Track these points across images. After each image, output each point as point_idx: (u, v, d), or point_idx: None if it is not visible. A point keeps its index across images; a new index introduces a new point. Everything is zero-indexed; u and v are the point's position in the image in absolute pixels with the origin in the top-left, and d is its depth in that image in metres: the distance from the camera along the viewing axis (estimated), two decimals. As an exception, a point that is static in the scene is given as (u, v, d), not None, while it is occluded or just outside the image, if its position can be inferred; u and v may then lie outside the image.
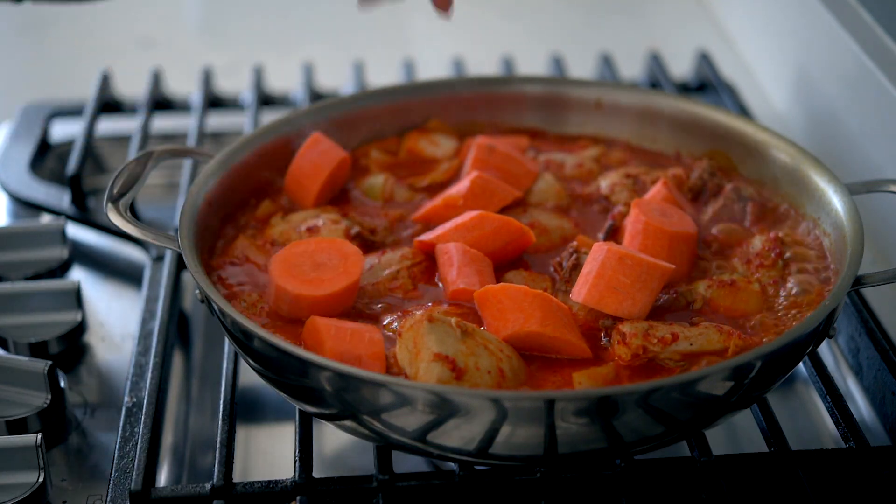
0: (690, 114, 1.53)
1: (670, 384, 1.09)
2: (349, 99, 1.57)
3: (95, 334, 1.48)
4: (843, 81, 1.71)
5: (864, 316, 1.38)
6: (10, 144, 1.82)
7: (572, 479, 1.17)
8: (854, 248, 1.24)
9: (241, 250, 1.35)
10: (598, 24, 2.42)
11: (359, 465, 1.31)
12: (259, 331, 1.14)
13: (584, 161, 1.52)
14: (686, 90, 1.98)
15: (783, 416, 1.29)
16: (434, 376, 1.12)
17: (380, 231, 1.39)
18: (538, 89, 1.59)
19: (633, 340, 1.19)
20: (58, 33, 2.41)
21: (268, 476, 1.18)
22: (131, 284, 1.58)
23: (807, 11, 1.84)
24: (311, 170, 1.43)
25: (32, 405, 1.30)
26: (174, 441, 1.36)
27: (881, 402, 1.33)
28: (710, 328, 1.21)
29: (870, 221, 1.40)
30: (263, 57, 2.04)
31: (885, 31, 1.59)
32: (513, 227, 1.32)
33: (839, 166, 1.53)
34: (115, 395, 1.38)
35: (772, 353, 1.12)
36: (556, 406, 1.07)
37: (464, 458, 1.13)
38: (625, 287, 1.21)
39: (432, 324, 1.15)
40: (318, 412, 1.18)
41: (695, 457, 1.19)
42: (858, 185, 1.35)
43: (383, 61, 2.06)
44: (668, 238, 1.30)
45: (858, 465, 1.19)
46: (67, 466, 1.27)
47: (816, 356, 1.31)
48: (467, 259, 1.28)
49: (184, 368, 1.49)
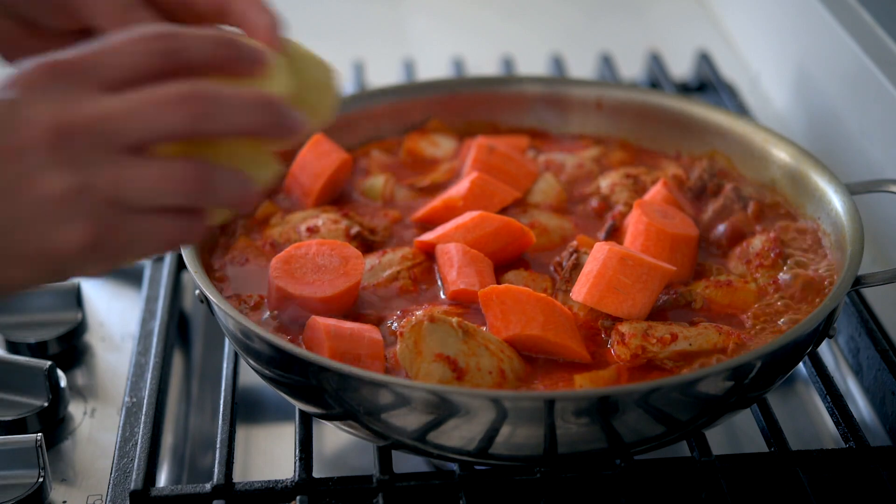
0: (690, 114, 1.53)
1: (670, 384, 1.09)
2: (349, 99, 1.57)
3: (95, 334, 1.48)
4: (843, 81, 1.71)
5: (864, 316, 1.39)
6: (10, 144, 1.81)
7: (572, 479, 1.17)
8: (854, 248, 1.24)
9: (241, 250, 1.35)
10: (598, 24, 2.42)
11: (359, 465, 1.31)
12: (259, 331, 1.14)
13: (584, 161, 1.52)
14: (686, 90, 1.98)
15: (783, 416, 1.29)
16: (436, 377, 1.12)
17: (380, 231, 1.39)
18: (538, 89, 1.60)
19: (632, 340, 1.19)
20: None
21: (268, 476, 1.18)
22: (131, 284, 1.58)
23: (807, 11, 1.84)
24: (313, 170, 1.43)
25: (32, 405, 1.30)
26: (174, 441, 1.36)
27: (881, 402, 1.33)
28: (709, 328, 1.21)
29: (870, 221, 1.40)
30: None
31: (885, 31, 1.59)
32: (513, 227, 1.32)
33: (839, 166, 1.53)
34: (115, 395, 1.38)
35: (772, 353, 1.12)
36: (556, 406, 1.07)
37: (464, 458, 1.13)
38: (625, 287, 1.21)
39: (434, 324, 1.15)
40: (319, 412, 1.18)
41: (695, 457, 1.19)
42: (858, 185, 1.35)
43: (383, 61, 2.06)
44: (670, 239, 1.30)
45: (858, 465, 1.19)
46: (67, 466, 1.27)
47: (816, 356, 1.31)
48: (468, 259, 1.28)
49: (184, 368, 1.49)
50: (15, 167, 0.88)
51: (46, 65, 0.91)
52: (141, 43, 0.93)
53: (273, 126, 0.94)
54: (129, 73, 0.92)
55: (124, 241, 0.92)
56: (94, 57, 0.92)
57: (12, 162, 0.88)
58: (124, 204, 0.90)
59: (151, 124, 0.89)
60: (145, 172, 0.90)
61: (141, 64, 0.92)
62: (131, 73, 0.92)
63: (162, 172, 0.91)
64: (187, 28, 0.95)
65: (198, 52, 0.94)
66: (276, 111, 0.94)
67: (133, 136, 0.89)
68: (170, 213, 0.92)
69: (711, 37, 2.27)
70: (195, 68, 0.94)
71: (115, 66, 0.92)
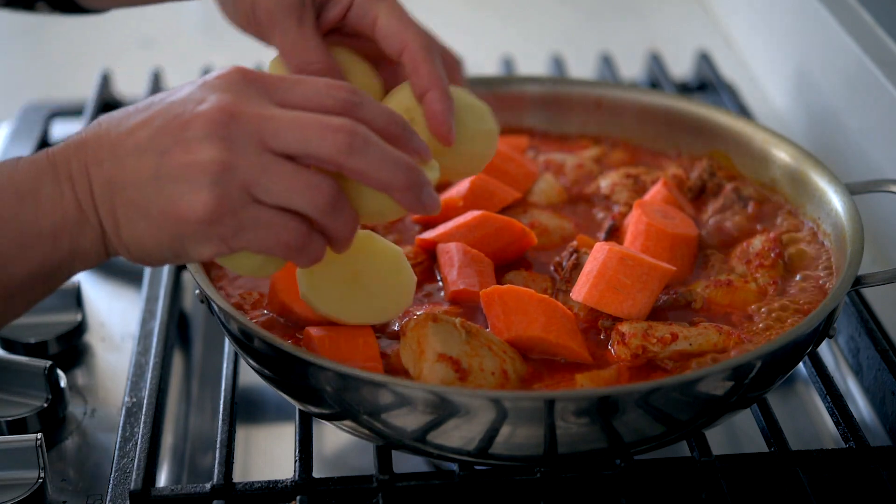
0: (690, 114, 1.53)
1: (670, 384, 1.09)
2: (349, 99, 1.57)
3: (95, 334, 1.48)
4: (842, 81, 1.71)
5: (864, 316, 1.38)
6: (9, 144, 1.81)
7: (572, 479, 1.17)
8: (854, 248, 1.24)
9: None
10: (598, 24, 2.42)
11: (359, 465, 1.31)
12: (259, 331, 1.14)
13: (584, 161, 1.52)
14: (686, 90, 1.98)
15: (783, 416, 1.29)
16: (438, 377, 1.12)
17: (380, 231, 1.39)
18: (538, 89, 1.59)
19: (632, 340, 1.19)
20: (58, 33, 2.41)
21: (268, 476, 1.18)
22: (131, 284, 1.58)
23: (806, 11, 1.84)
24: (312, 170, 1.43)
25: (32, 405, 1.30)
26: (174, 441, 1.36)
27: (881, 402, 1.33)
28: (709, 328, 1.20)
29: (870, 221, 1.40)
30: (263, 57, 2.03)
31: (885, 31, 1.59)
32: (515, 228, 1.32)
33: (839, 166, 1.53)
34: (115, 395, 1.38)
35: (772, 353, 1.12)
36: (556, 406, 1.07)
37: (464, 458, 1.13)
38: (625, 287, 1.21)
39: (437, 324, 1.15)
40: (319, 412, 1.18)
41: (695, 457, 1.19)
42: (858, 185, 1.35)
43: (383, 61, 2.05)
44: (670, 240, 1.30)
45: (858, 465, 1.19)
46: (67, 466, 1.27)
47: (816, 356, 1.31)
48: (468, 259, 1.28)
49: (184, 368, 1.49)
50: (179, 133, 0.98)
51: (245, 71, 1.02)
52: (332, 88, 1.02)
53: (406, 191, 1.02)
54: (309, 104, 1.01)
55: (243, 224, 0.99)
56: (287, 81, 1.02)
57: (181, 129, 0.97)
58: (256, 192, 0.98)
59: (306, 139, 0.98)
60: (287, 171, 0.98)
61: (322, 102, 1.01)
62: (311, 104, 1.01)
63: (300, 176, 0.99)
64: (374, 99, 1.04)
65: (373, 117, 1.02)
66: (417, 181, 1.02)
67: (286, 142, 0.98)
68: (292, 216, 1.00)
69: (711, 37, 2.27)
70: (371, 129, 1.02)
71: (299, 94, 1.01)
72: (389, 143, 1.02)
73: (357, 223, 1.05)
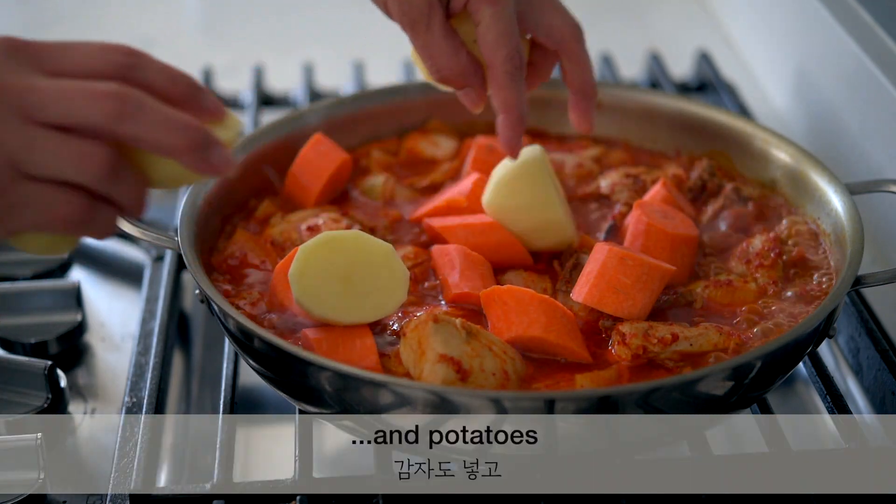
0: (690, 114, 1.53)
1: (670, 384, 1.09)
2: (349, 99, 1.57)
3: (95, 334, 1.48)
4: (842, 81, 1.71)
5: (864, 316, 1.38)
6: (10, 144, 1.81)
7: (572, 479, 1.16)
8: (854, 248, 1.24)
9: (241, 248, 1.35)
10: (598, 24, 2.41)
11: (359, 465, 1.30)
12: (259, 331, 1.14)
13: (584, 161, 1.52)
14: (686, 90, 1.98)
15: (783, 416, 1.29)
16: (439, 378, 1.12)
17: (380, 231, 1.39)
18: (538, 89, 1.59)
19: (632, 341, 1.19)
20: (58, 33, 2.41)
21: (268, 476, 1.18)
22: (131, 284, 1.58)
23: (806, 11, 1.84)
24: (313, 170, 1.43)
25: (32, 405, 1.30)
26: (174, 441, 1.36)
27: (881, 402, 1.33)
28: (710, 329, 1.21)
29: (870, 221, 1.40)
30: (263, 57, 2.04)
31: (885, 31, 1.59)
32: (516, 249, 1.32)
33: (839, 166, 1.53)
34: (115, 395, 1.38)
35: (772, 353, 1.12)
36: (556, 406, 1.07)
37: (464, 458, 1.13)
38: (625, 287, 1.21)
39: (438, 324, 1.15)
40: (319, 412, 1.18)
41: (695, 457, 1.19)
42: (858, 185, 1.35)
43: (383, 61, 2.06)
44: (670, 240, 1.30)
45: (858, 465, 1.19)
46: (67, 466, 1.27)
47: (816, 356, 1.31)
48: (469, 262, 1.28)
49: (184, 368, 1.49)
50: None
51: (10, 40, 0.95)
52: (106, 51, 0.96)
53: (189, 153, 0.94)
54: (80, 70, 0.95)
55: (13, 203, 0.92)
56: (57, 48, 0.96)
57: None
58: (25, 168, 0.91)
59: (73, 109, 0.91)
60: (54, 143, 0.91)
61: (95, 67, 0.95)
62: (82, 69, 0.95)
63: (69, 146, 0.92)
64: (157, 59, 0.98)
65: (153, 79, 0.96)
66: (201, 141, 0.95)
67: (52, 113, 0.91)
68: (68, 189, 0.93)
69: (711, 37, 2.27)
70: (150, 93, 0.96)
71: (69, 60, 0.95)
72: (175, 105, 0.96)
73: (145, 188, 0.97)
